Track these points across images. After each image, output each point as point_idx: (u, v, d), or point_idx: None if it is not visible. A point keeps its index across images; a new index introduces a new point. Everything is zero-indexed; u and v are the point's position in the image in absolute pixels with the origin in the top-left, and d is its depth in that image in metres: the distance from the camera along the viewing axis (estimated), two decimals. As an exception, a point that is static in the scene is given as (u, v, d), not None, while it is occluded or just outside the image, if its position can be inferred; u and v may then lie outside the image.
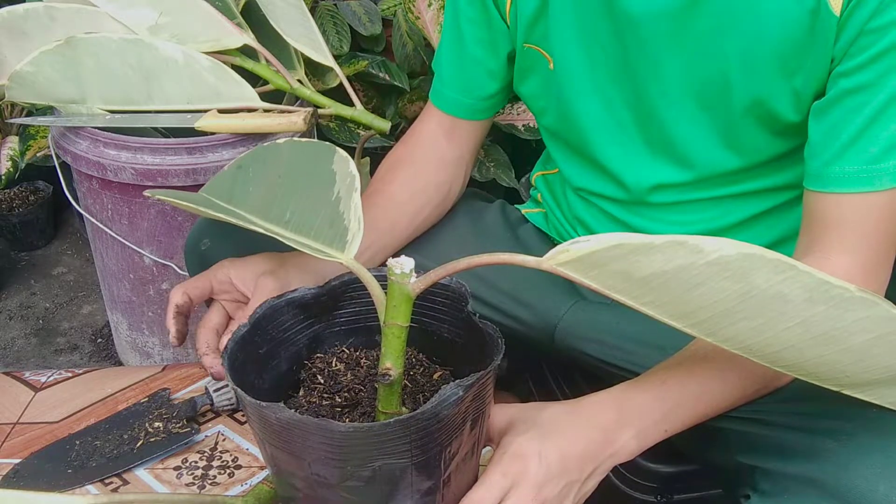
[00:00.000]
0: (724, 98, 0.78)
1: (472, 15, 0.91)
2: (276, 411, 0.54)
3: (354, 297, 0.69)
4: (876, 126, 0.70)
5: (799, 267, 0.52)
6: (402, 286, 0.56)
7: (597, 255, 0.53)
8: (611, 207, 0.92)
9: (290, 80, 1.30)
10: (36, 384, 0.98)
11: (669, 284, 0.54)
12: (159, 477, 0.83)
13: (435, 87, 0.98)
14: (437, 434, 0.56)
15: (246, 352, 0.62)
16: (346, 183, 0.64)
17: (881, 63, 0.69)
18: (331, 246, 0.61)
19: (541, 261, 0.54)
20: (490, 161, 1.57)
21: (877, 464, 0.65)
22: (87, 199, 1.36)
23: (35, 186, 1.94)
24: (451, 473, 0.59)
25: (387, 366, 0.56)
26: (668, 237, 0.52)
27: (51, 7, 1.21)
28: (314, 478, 0.56)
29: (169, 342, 1.45)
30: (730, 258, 0.52)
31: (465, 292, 0.65)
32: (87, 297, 1.84)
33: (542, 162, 1.07)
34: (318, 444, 0.54)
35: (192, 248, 0.94)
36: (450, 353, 0.68)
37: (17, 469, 0.85)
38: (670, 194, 0.87)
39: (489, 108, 0.97)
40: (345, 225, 0.62)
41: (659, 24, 0.77)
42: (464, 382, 0.55)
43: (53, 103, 1.25)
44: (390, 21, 1.61)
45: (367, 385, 0.65)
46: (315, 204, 0.65)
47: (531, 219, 1.05)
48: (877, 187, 0.70)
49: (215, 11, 1.24)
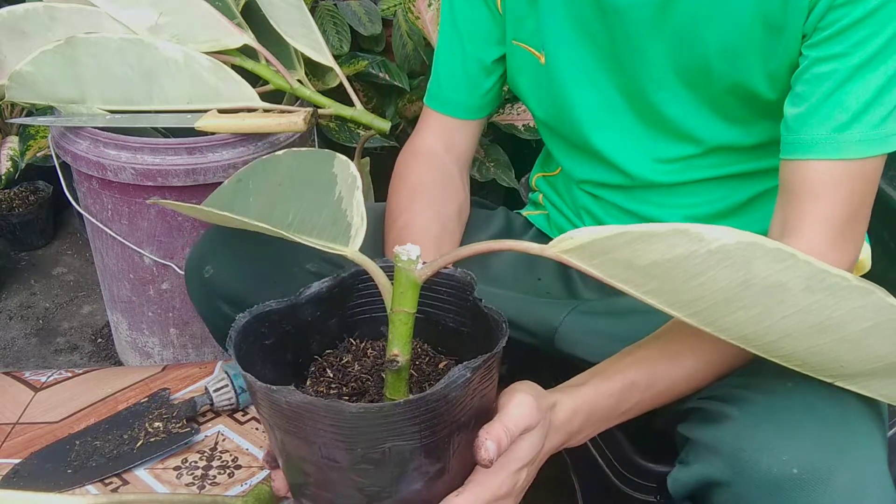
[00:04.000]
0: (707, 81, 0.80)
1: (469, 13, 0.93)
2: (287, 394, 0.54)
3: (360, 290, 0.70)
4: (842, 92, 0.70)
5: (798, 256, 0.53)
6: (408, 272, 0.56)
7: (600, 243, 0.53)
8: (615, 196, 0.93)
9: (290, 80, 1.30)
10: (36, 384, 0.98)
11: (671, 273, 0.54)
12: (159, 477, 0.83)
13: (432, 91, 0.99)
14: (446, 415, 0.56)
15: (249, 342, 0.63)
16: (348, 183, 0.65)
17: (849, 35, 0.70)
18: (335, 241, 0.62)
19: (545, 248, 0.55)
20: (490, 161, 1.57)
21: (765, 435, 0.65)
22: (87, 199, 1.36)
23: (35, 186, 1.94)
24: (458, 455, 0.59)
25: (394, 352, 0.57)
26: (671, 225, 0.52)
27: (51, 7, 1.21)
28: (324, 461, 0.57)
29: (169, 342, 1.46)
30: (731, 246, 0.52)
31: (471, 280, 0.66)
32: (87, 297, 1.84)
33: (540, 163, 1.07)
34: (328, 426, 0.55)
35: (194, 274, 0.93)
36: (455, 342, 0.68)
37: (17, 469, 0.85)
38: (673, 173, 0.88)
39: (487, 105, 0.98)
40: (348, 221, 0.63)
41: (642, 13, 0.79)
42: (471, 364, 0.56)
43: (53, 103, 1.25)
44: (390, 21, 1.61)
45: (373, 375, 0.65)
46: (317, 206, 0.65)
47: (533, 221, 1.06)
48: (843, 155, 0.71)
49: (215, 11, 1.24)
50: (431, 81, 0.99)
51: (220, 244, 0.93)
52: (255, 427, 0.90)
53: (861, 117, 0.70)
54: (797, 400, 0.67)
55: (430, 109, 0.99)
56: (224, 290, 0.91)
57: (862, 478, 0.63)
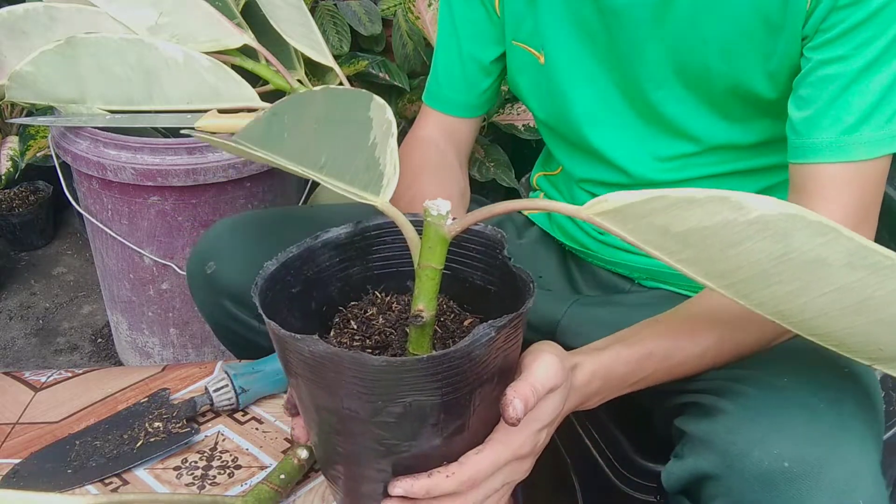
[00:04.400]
0: (706, 81, 0.80)
1: (467, 14, 0.93)
2: (311, 344, 0.54)
3: (387, 242, 0.69)
4: (848, 95, 0.71)
5: (841, 230, 0.51)
6: (438, 227, 0.55)
7: (636, 206, 0.52)
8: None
9: (290, 80, 1.30)
10: (36, 384, 0.98)
11: (707, 241, 0.53)
12: (159, 477, 0.83)
13: (431, 90, 0.99)
14: (469, 373, 0.56)
15: (276, 290, 0.63)
16: (383, 129, 0.64)
17: (853, 37, 0.70)
18: (366, 190, 0.60)
19: (580, 209, 0.54)
20: (490, 161, 1.57)
21: (759, 429, 0.65)
22: (87, 199, 1.36)
23: (35, 186, 1.94)
24: (478, 413, 0.59)
25: (419, 307, 0.56)
26: (711, 191, 0.51)
27: (51, 7, 1.21)
28: (346, 412, 0.57)
29: (169, 342, 1.46)
30: (771, 217, 0.50)
31: (500, 238, 0.65)
32: (87, 297, 1.84)
33: (542, 163, 1.07)
34: (350, 378, 0.54)
35: (195, 271, 0.94)
36: (481, 300, 0.68)
37: (17, 469, 0.85)
38: (673, 171, 0.88)
39: (485, 104, 0.99)
40: (380, 170, 0.61)
41: (640, 13, 0.79)
42: (496, 323, 0.56)
43: (53, 103, 1.25)
44: (390, 21, 1.61)
45: (397, 328, 0.65)
46: (351, 149, 0.64)
47: (535, 219, 1.06)
48: (853, 157, 0.71)
49: (215, 11, 1.24)
50: (430, 80, 0.99)
51: (223, 240, 0.93)
52: (255, 427, 0.90)
53: (868, 119, 0.70)
54: (791, 396, 0.67)
55: (429, 107, 0.99)
56: (227, 286, 0.92)
57: (853, 472, 0.62)
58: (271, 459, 0.84)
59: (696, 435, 0.70)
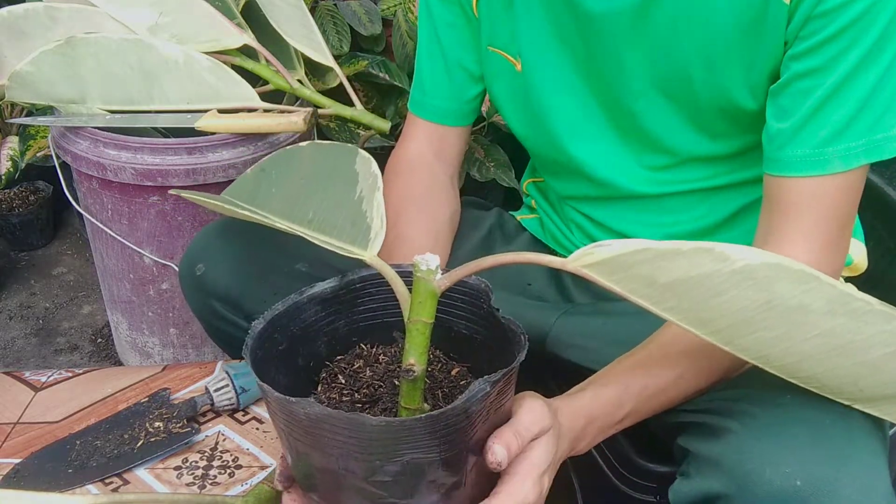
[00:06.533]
0: (688, 91, 0.79)
1: (448, 19, 0.90)
2: (306, 406, 0.54)
3: (373, 294, 0.69)
4: (825, 109, 0.70)
5: (822, 278, 0.52)
6: (427, 283, 0.56)
7: (622, 258, 0.53)
8: (593, 210, 0.92)
9: (290, 80, 1.30)
10: (36, 384, 0.98)
11: (693, 291, 0.54)
12: (160, 477, 0.83)
13: (416, 99, 0.96)
14: (465, 429, 0.56)
15: (265, 349, 0.63)
16: (369, 182, 0.65)
17: (830, 47, 0.69)
18: (354, 244, 0.61)
19: (566, 262, 0.55)
20: (490, 161, 1.57)
21: (768, 449, 0.65)
22: (87, 199, 1.36)
23: (35, 186, 1.94)
24: (474, 468, 0.59)
25: (410, 362, 0.56)
26: (695, 243, 0.52)
27: (51, 7, 1.21)
28: (342, 472, 0.57)
29: (169, 342, 1.46)
30: (754, 267, 0.52)
31: (486, 289, 0.65)
32: (87, 297, 1.84)
33: (531, 169, 1.06)
34: (347, 438, 0.54)
35: (187, 273, 0.94)
36: (467, 348, 0.68)
37: (17, 469, 0.85)
38: (652, 183, 0.87)
39: (473, 111, 0.96)
40: (368, 223, 0.62)
41: (618, 21, 0.77)
42: (491, 378, 0.56)
43: (53, 103, 1.25)
44: (390, 21, 1.61)
45: (385, 381, 0.65)
46: (338, 203, 0.65)
47: (527, 225, 1.05)
48: (828, 171, 0.70)
49: (215, 11, 1.24)
50: (414, 87, 0.96)
51: (212, 243, 0.93)
52: (256, 427, 0.90)
53: (845, 132, 0.70)
54: (797, 412, 0.67)
55: (416, 116, 0.96)
56: (215, 288, 0.91)
57: (866, 488, 0.62)
58: (272, 459, 0.84)
59: (703, 454, 0.69)
